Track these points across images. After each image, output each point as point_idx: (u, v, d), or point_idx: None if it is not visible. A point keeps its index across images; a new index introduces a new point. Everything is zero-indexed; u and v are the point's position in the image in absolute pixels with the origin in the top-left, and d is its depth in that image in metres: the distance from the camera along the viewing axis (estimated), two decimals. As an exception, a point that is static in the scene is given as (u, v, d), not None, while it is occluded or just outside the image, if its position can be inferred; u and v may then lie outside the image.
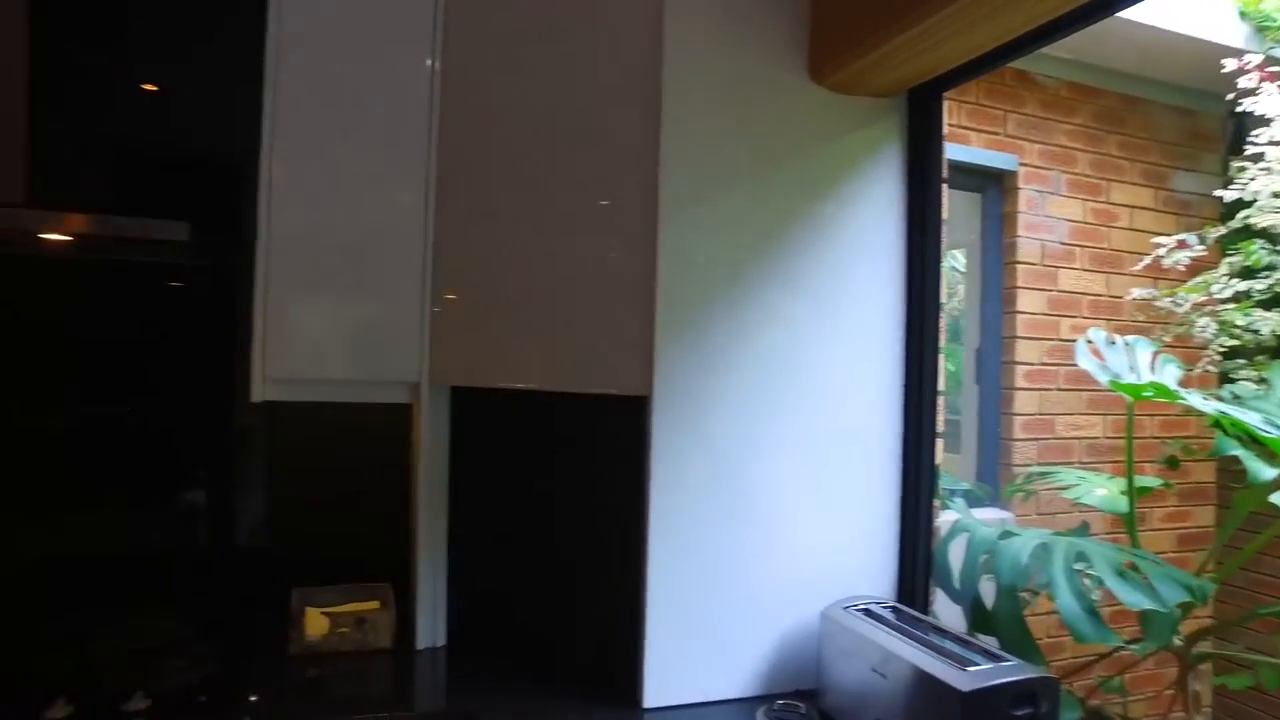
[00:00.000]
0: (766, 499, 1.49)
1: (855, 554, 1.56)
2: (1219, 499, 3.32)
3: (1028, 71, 2.97)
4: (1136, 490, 2.16)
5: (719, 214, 1.46)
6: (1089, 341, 2.16)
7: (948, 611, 1.70)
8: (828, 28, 1.48)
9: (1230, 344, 2.77)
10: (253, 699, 1.38)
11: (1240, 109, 2.74)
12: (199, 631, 1.57)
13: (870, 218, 1.57)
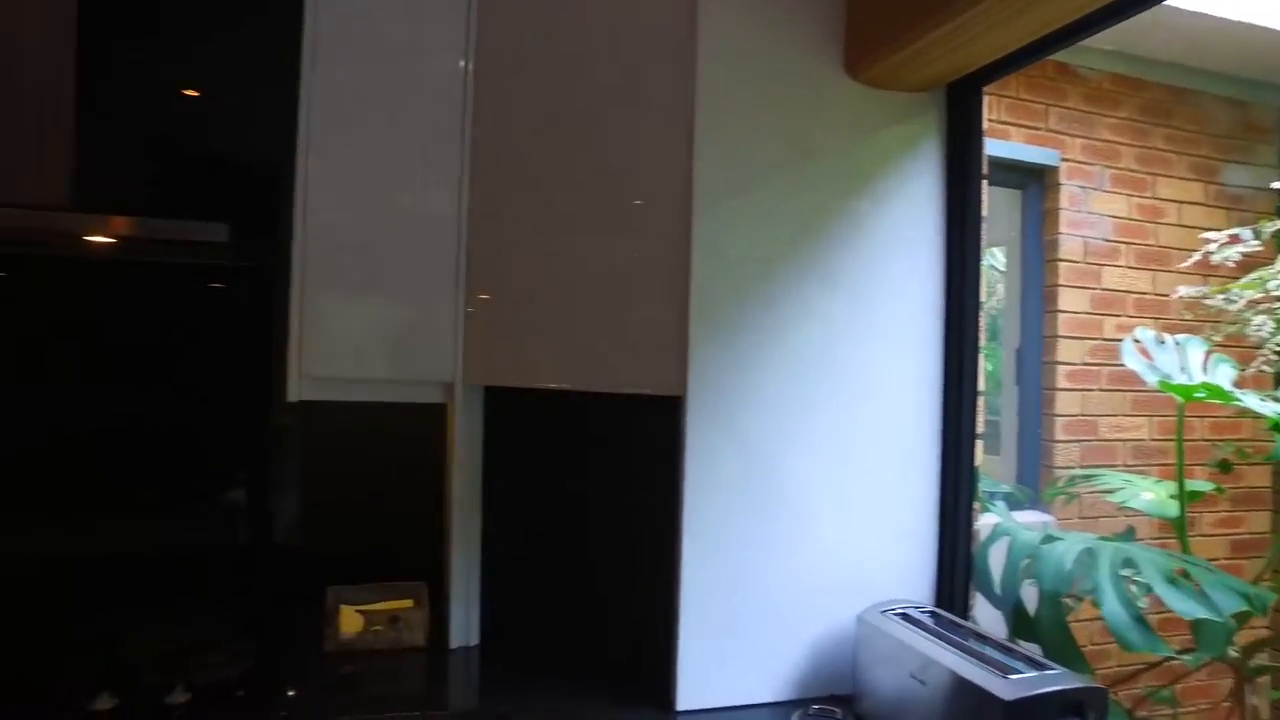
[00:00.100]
0: (802, 500, 1.47)
1: (892, 556, 1.53)
2: (1275, 504, 3.20)
3: (1069, 64, 2.90)
4: (1187, 494, 2.09)
5: (753, 210, 1.44)
6: (1136, 341, 2.10)
7: (987, 617, 1.66)
8: (863, 22, 1.46)
9: (1289, 343, 2.66)
10: (290, 693, 1.40)
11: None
12: (237, 628, 1.60)
13: (908, 214, 1.54)
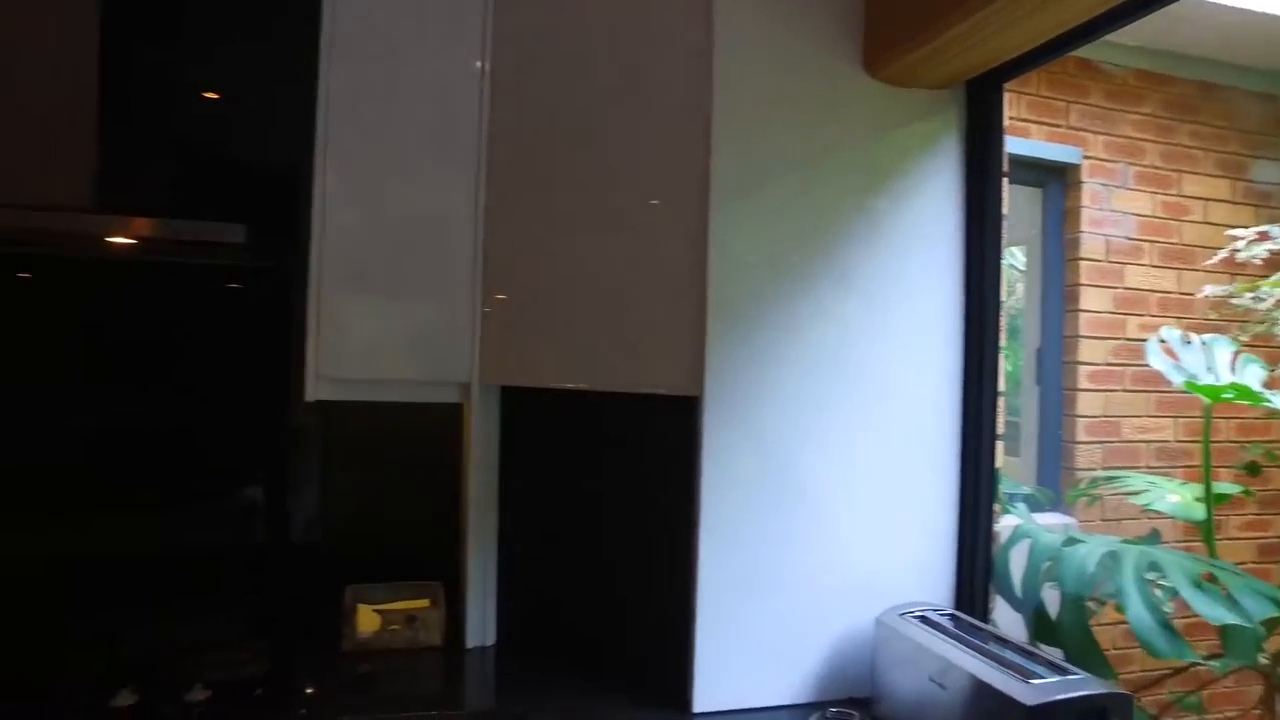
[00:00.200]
0: (819, 501, 1.45)
1: (911, 558, 1.51)
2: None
3: (1092, 60, 2.86)
4: (1214, 497, 2.05)
5: (771, 209, 1.43)
6: (1162, 341, 2.06)
7: (1007, 620, 1.64)
8: (881, 19, 1.44)
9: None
10: (308, 691, 1.41)
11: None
12: (256, 626, 1.61)
13: (926, 213, 1.53)
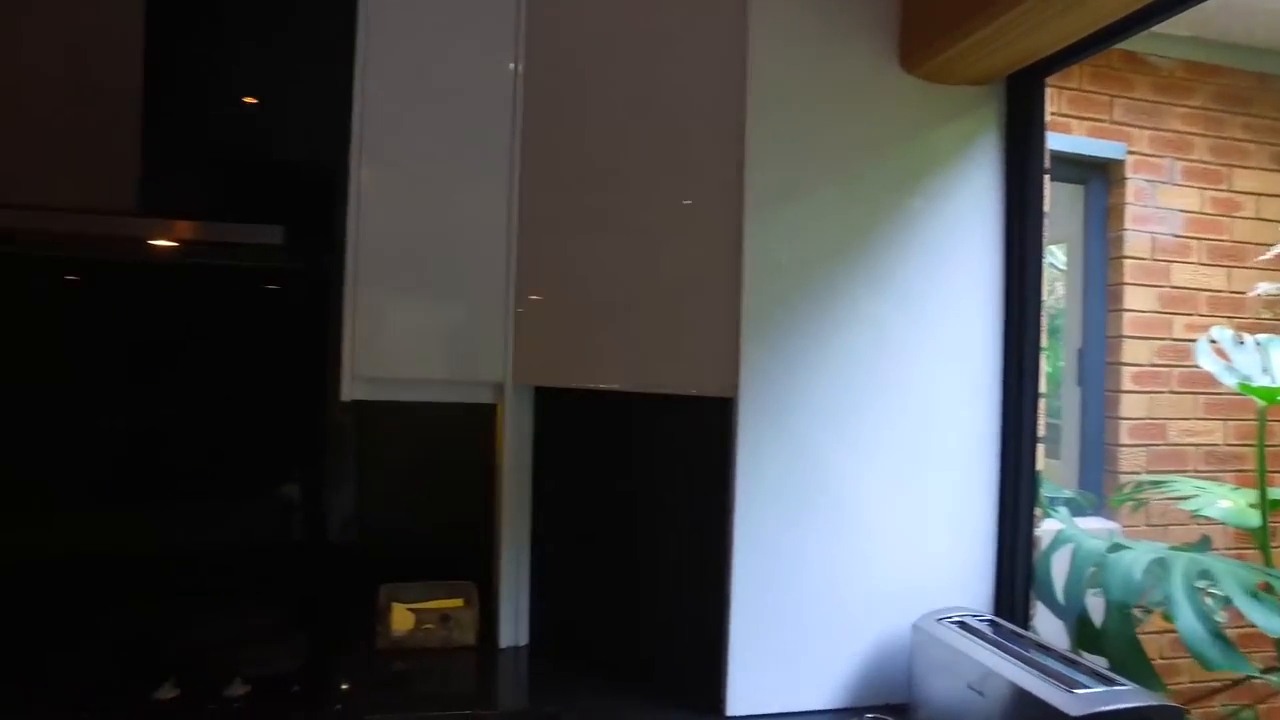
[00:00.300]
0: (855, 503, 1.44)
1: (949, 562, 1.49)
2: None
3: (1138, 53, 2.79)
4: (1269, 503, 1.98)
5: (806, 209, 1.42)
6: (1212, 341, 2.00)
7: (1048, 628, 1.60)
8: (920, 13, 1.42)
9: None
10: (344, 687, 1.43)
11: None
12: (293, 623, 1.63)
13: (965, 212, 1.50)
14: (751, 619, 1.38)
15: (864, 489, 1.44)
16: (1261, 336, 2.01)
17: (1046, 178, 1.52)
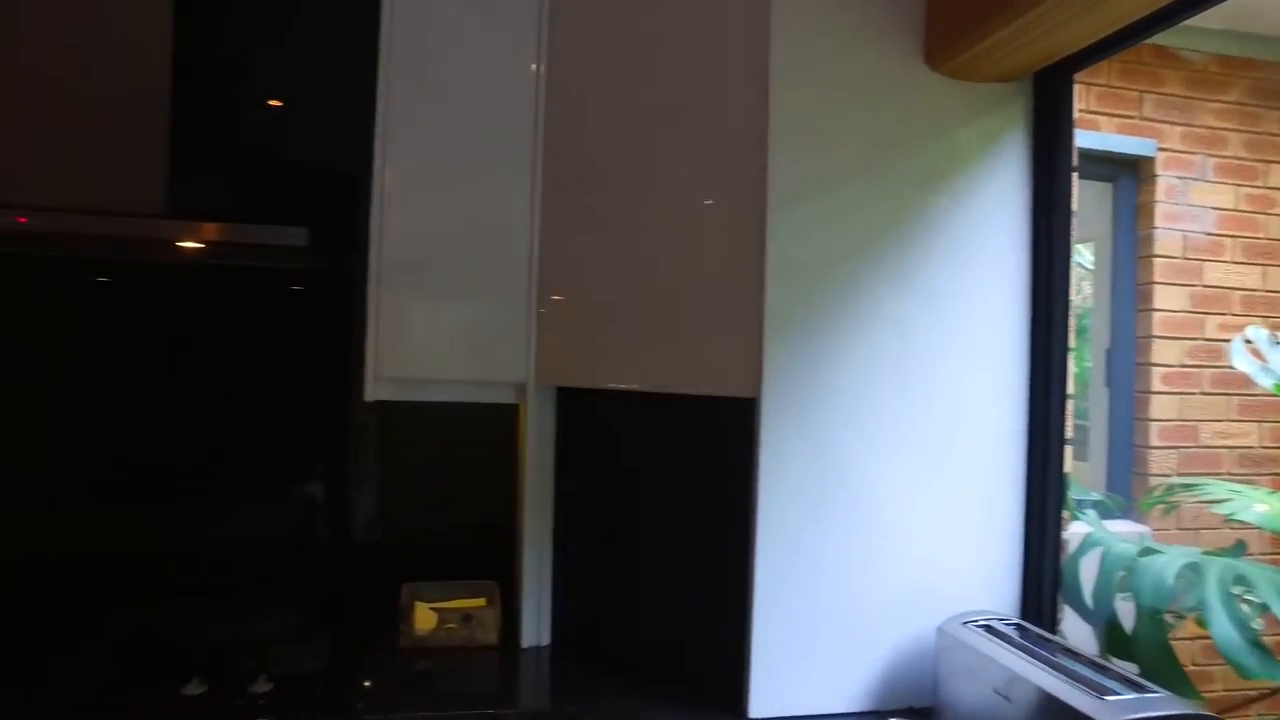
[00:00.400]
0: (878, 506, 1.42)
1: (975, 566, 1.47)
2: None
3: (1169, 47, 2.73)
4: (1306, 507, 1.94)
5: (829, 208, 1.40)
6: (1248, 341, 1.96)
7: (1076, 633, 1.57)
8: (945, 10, 1.40)
9: None
10: (366, 685, 1.44)
11: None
12: (316, 621, 1.64)
13: (991, 211, 1.48)
14: (774, 620, 1.38)
15: (888, 490, 1.43)
16: (1299, 336, 1.97)
17: (1074, 175, 1.50)
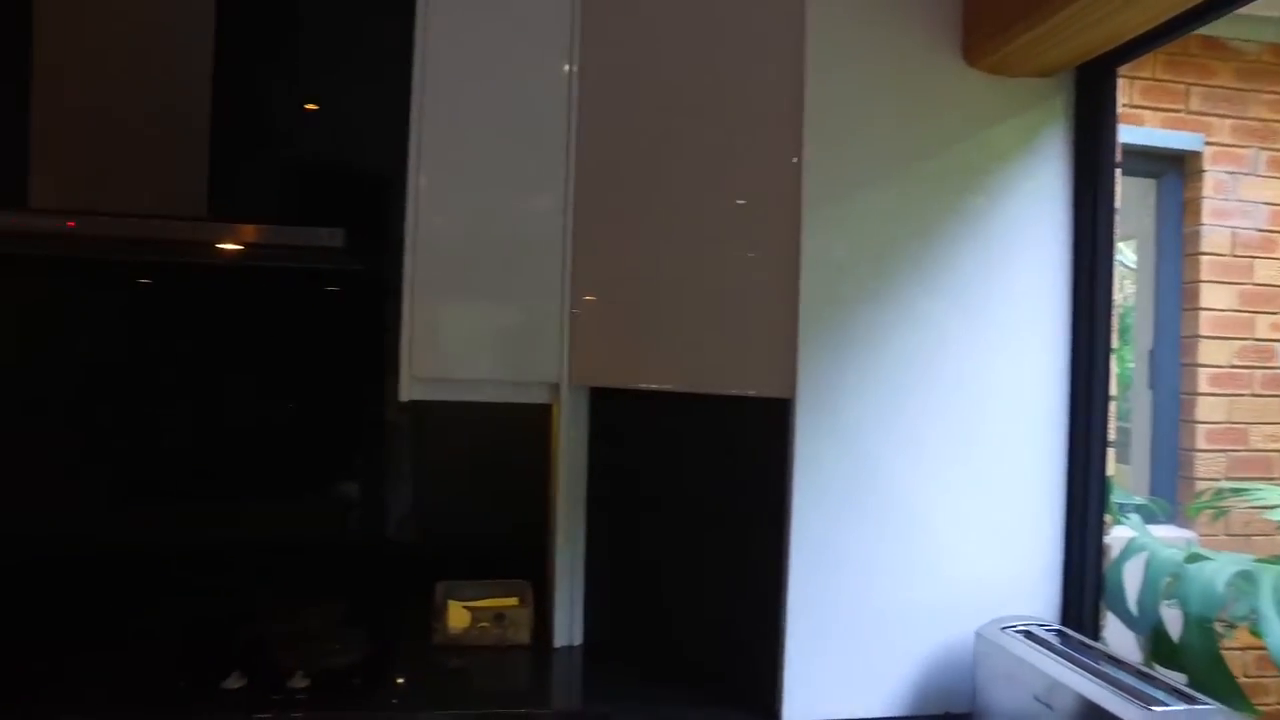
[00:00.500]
0: (914, 508, 1.40)
1: (1014, 570, 1.44)
2: None
3: (1219, 37, 2.65)
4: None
5: (864, 208, 1.39)
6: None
7: (1118, 641, 1.53)
8: (984, 4, 1.37)
9: None
10: (400, 682, 1.45)
11: None
12: (352, 618, 1.66)
13: (1030, 209, 1.45)
14: (808, 622, 1.36)
15: (925, 493, 1.40)
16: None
17: (1117, 172, 1.46)
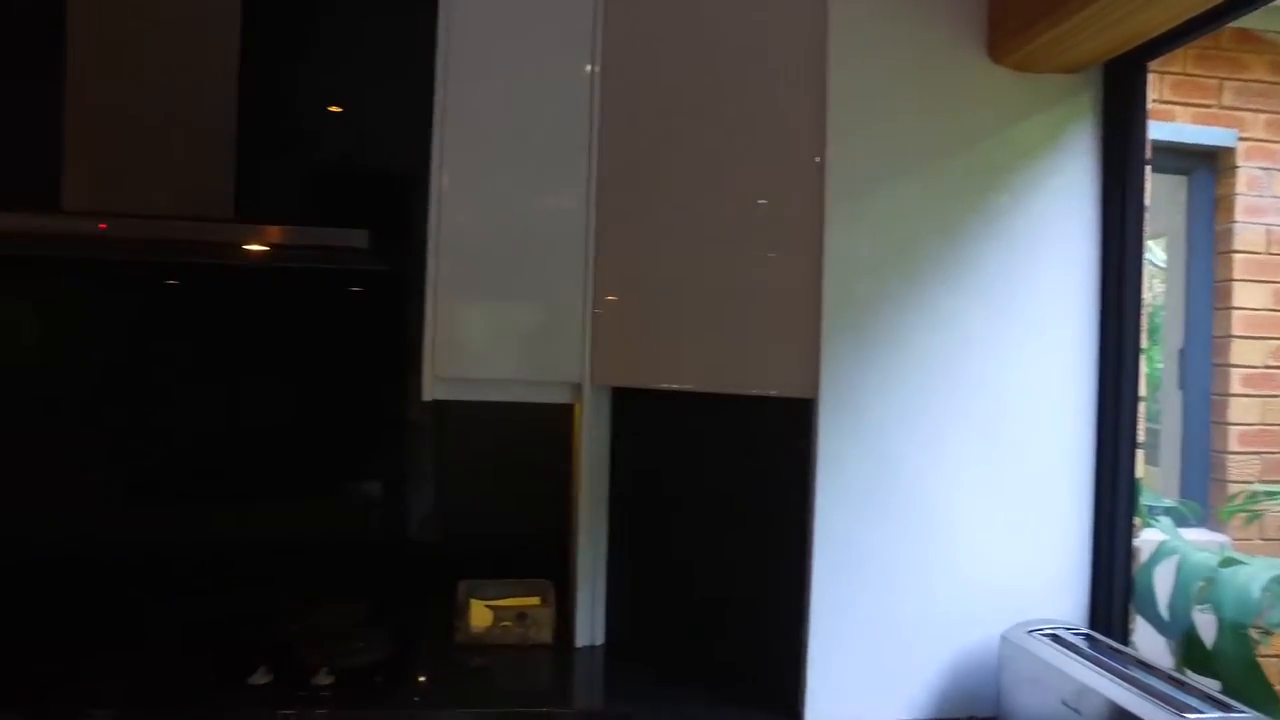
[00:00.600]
0: (939, 509, 1.39)
1: (1040, 573, 1.42)
2: None
3: (1253, 30, 2.60)
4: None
5: (888, 207, 1.38)
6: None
7: (1147, 646, 1.51)
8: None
9: None
10: (423, 680, 1.46)
11: None
12: (375, 617, 1.68)
13: (1057, 207, 1.43)
14: (832, 623, 1.36)
15: (950, 494, 1.39)
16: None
17: (1147, 169, 1.44)
